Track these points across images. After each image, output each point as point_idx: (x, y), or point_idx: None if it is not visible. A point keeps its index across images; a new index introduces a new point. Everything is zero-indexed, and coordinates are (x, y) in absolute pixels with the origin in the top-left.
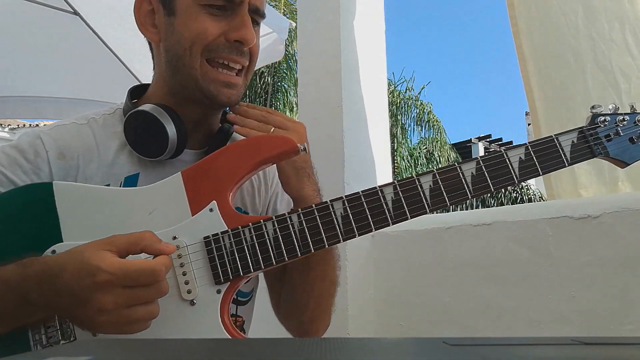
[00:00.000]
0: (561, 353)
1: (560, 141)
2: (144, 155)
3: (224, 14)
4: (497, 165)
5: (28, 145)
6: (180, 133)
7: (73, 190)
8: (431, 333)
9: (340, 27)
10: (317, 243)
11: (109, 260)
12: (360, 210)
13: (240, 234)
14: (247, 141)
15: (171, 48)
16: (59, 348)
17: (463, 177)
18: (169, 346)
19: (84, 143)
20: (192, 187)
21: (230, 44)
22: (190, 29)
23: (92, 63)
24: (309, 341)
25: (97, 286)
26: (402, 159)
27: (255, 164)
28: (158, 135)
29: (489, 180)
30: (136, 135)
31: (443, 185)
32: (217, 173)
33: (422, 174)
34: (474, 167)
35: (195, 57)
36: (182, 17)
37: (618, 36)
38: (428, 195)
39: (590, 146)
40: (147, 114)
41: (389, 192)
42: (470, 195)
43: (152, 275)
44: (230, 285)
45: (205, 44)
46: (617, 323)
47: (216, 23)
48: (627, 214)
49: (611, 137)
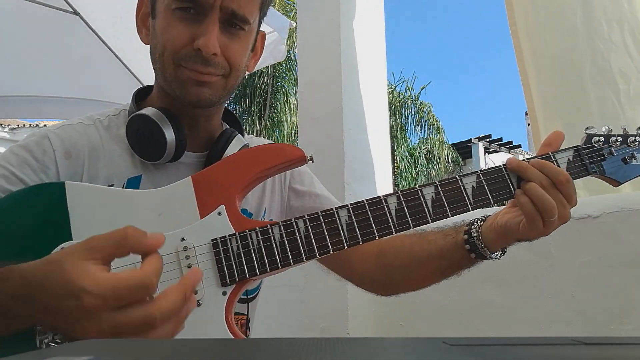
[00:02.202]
0: (561, 353)
1: (557, 158)
2: (144, 158)
3: (195, 18)
4: (496, 179)
5: (36, 144)
6: (179, 137)
7: (85, 191)
8: (431, 333)
9: (340, 27)
10: (322, 249)
11: (93, 278)
12: (365, 219)
13: (247, 237)
14: (256, 149)
15: (153, 51)
16: (59, 348)
17: (464, 189)
18: (169, 346)
19: (89, 143)
20: (201, 191)
21: (195, 52)
22: (163, 33)
23: (92, 63)
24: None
25: (82, 312)
26: (402, 159)
27: (262, 172)
28: (157, 139)
29: (489, 194)
30: (137, 139)
31: (445, 197)
32: (226, 179)
33: (425, 185)
34: (474, 180)
35: (169, 64)
36: (159, 21)
37: (617, 37)
38: (430, 206)
39: (585, 164)
40: (147, 118)
41: (392, 201)
42: (470, 208)
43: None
44: (235, 287)
45: (173, 52)
46: (617, 323)
47: (186, 29)
48: (627, 214)
49: (605, 157)
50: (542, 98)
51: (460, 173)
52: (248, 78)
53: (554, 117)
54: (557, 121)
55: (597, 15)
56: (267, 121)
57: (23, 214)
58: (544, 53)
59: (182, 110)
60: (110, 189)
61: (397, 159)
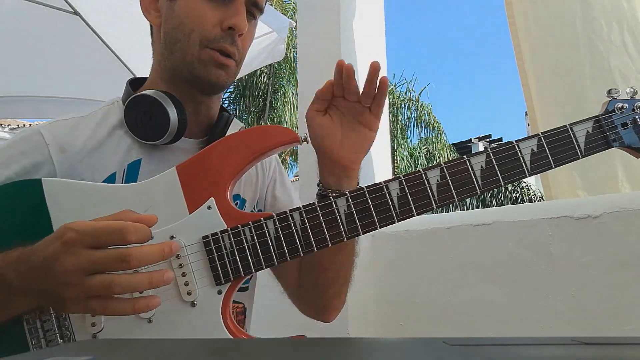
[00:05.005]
0: (561, 353)
1: (575, 131)
2: (143, 138)
3: (222, 2)
4: (508, 157)
5: (26, 140)
6: (181, 117)
7: (63, 187)
8: (431, 333)
9: (340, 27)
10: (320, 242)
11: (79, 222)
12: (365, 207)
13: (240, 233)
14: (244, 132)
15: (170, 31)
16: (59, 348)
17: (472, 170)
18: (169, 346)
19: (85, 135)
20: (187, 182)
21: (224, 32)
22: (189, 15)
23: (92, 63)
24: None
25: (63, 246)
26: (402, 159)
27: (253, 156)
28: (159, 118)
29: (499, 175)
30: (136, 119)
31: (451, 180)
32: (213, 167)
33: (429, 168)
34: (483, 160)
35: (194, 45)
36: (184, 3)
37: (616, 37)
38: (435, 191)
39: (606, 136)
40: (149, 97)
41: (394, 187)
42: (479, 191)
43: (119, 231)
44: (231, 285)
45: (204, 34)
46: (617, 323)
47: (214, 11)
48: (627, 214)
49: (628, 125)
50: (541, 98)
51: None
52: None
53: (554, 117)
54: (556, 121)
55: (597, 15)
56: (267, 121)
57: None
58: (544, 53)
59: (184, 95)
60: (93, 184)
61: (397, 159)
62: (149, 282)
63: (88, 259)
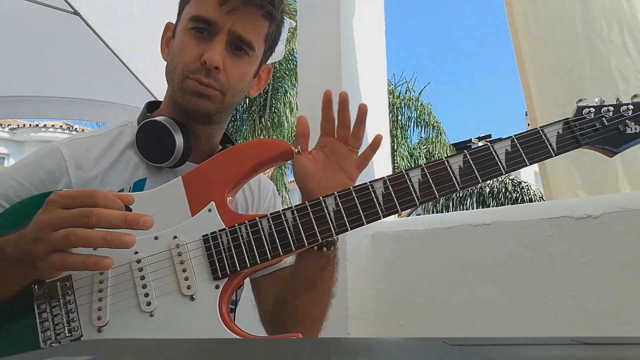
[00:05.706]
0: (561, 353)
1: (546, 132)
2: (150, 160)
3: (206, 38)
4: (483, 157)
5: (47, 156)
6: (186, 144)
7: None
8: (431, 333)
9: (340, 27)
10: (311, 237)
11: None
12: (352, 205)
13: (236, 231)
14: (244, 145)
15: (168, 64)
16: (59, 348)
17: (451, 170)
18: (169, 346)
19: (99, 153)
20: (191, 189)
21: (201, 65)
22: (178, 50)
23: (92, 63)
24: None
25: (44, 206)
26: (402, 159)
27: (251, 166)
28: (167, 143)
29: (477, 172)
30: (146, 142)
31: (432, 179)
32: (215, 176)
33: (411, 169)
34: (461, 160)
35: (179, 76)
36: (177, 40)
37: (616, 37)
38: (417, 189)
39: (575, 136)
40: (160, 123)
41: (379, 186)
42: (458, 187)
43: (89, 196)
44: (228, 280)
45: (185, 66)
46: (617, 323)
47: (197, 47)
48: (627, 214)
49: (597, 128)
50: (541, 98)
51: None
52: None
53: (553, 117)
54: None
55: (597, 15)
56: (267, 121)
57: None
58: (544, 53)
59: (185, 123)
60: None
61: (397, 159)
62: (103, 238)
63: (57, 215)
